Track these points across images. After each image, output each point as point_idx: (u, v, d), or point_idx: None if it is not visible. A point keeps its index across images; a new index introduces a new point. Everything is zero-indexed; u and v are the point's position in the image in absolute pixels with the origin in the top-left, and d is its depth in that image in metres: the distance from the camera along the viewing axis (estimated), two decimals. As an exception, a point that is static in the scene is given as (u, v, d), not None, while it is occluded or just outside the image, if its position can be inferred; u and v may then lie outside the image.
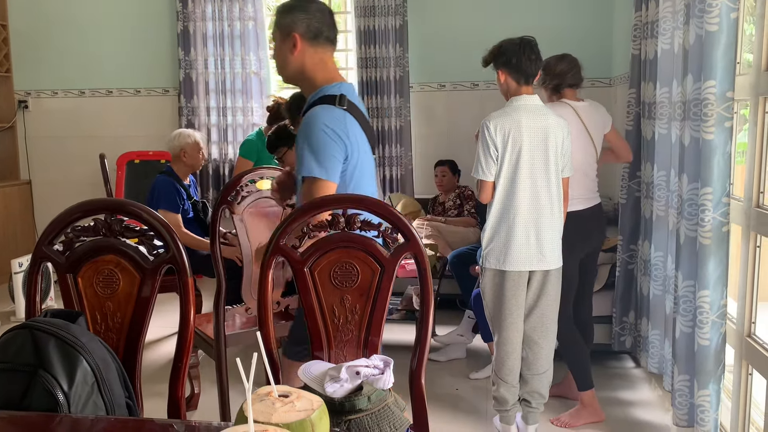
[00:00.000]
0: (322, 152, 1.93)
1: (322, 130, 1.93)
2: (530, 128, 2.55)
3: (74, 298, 1.70)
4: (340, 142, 1.95)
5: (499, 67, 2.66)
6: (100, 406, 1.42)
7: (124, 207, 1.73)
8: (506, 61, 2.63)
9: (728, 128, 2.26)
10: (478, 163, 2.61)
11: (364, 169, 2.06)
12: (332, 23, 2.08)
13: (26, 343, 1.39)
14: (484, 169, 2.59)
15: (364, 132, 2.06)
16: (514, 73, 2.63)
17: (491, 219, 2.64)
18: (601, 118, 2.98)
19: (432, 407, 3.04)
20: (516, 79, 2.63)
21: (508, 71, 2.63)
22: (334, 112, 1.97)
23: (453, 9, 4.97)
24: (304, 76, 2.08)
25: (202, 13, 5.16)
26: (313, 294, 1.77)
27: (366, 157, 2.08)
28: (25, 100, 5.65)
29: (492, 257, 2.65)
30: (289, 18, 2.04)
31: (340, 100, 1.98)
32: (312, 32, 2.03)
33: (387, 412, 1.51)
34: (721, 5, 2.19)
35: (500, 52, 2.65)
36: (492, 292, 2.68)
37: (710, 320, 2.35)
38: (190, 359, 1.78)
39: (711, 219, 2.30)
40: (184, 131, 4.00)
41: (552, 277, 2.67)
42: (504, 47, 2.65)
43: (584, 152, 2.90)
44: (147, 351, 3.82)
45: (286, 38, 2.03)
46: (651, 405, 3.16)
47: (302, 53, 2.03)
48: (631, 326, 3.38)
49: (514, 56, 2.61)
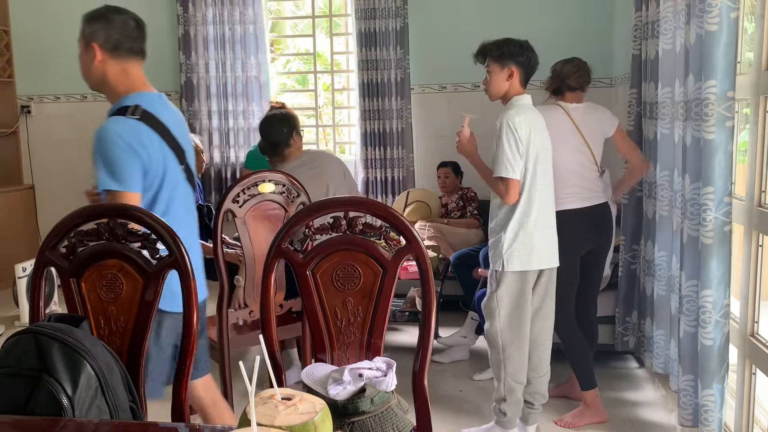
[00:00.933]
0: (115, 164, 1.91)
1: (114, 141, 1.92)
2: (540, 126, 2.63)
3: (78, 302, 1.71)
4: (134, 153, 1.93)
5: (511, 63, 2.62)
6: (104, 410, 1.42)
7: (127, 211, 1.74)
8: (524, 61, 2.62)
9: (729, 128, 2.26)
10: (506, 161, 2.54)
11: (174, 183, 2.04)
12: (138, 35, 2.12)
13: (30, 347, 1.40)
14: (513, 166, 2.54)
15: (166, 142, 2.03)
16: (526, 73, 2.65)
17: (513, 219, 2.59)
18: (599, 120, 3.00)
19: (435, 409, 3.04)
20: (524, 79, 2.66)
21: (521, 70, 2.63)
22: (126, 122, 1.96)
23: (454, 11, 4.97)
24: (106, 86, 2.12)
25: (203, 17, 5.17)
26: (316, 296, 1.77)
27: (172, 167, 2.04)
28: (28, 105, 5.66)
29: (515, 259, 2.59)
30: (90, 28, 2.09)
31: (133, 110, 1.99)
32: (111, 43, 2.07)
33: (390, 414, 1.52)
34: (721, 5, 2.19)
35: (521, 50, 2.62)
36: (513, 294, 2.63)
37: (713, 320, 2.34)
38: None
39: (713, 218, 2.30)
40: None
41: (554, 275, 2.70)
42: (524, 45, 2.63)
43: (573, 150, 2.91)
44: (151, 354, 3.82)
45: (87, 48, 2.08)
46: (655, 405, 3.16)
47: (103, 63, 2.07)
48: (635, 326, 3.37)
49: (532, 57, 2.64)
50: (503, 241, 2.60)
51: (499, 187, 2.58)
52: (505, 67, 2.63)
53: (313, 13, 5.47)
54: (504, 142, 2.55)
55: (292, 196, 2.83)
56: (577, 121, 2.93)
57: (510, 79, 2.64)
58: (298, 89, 6.49)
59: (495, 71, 2.65)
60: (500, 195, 2.59)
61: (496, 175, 2.57)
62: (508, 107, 2.63)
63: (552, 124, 2.86)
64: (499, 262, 2.62)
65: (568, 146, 2.88)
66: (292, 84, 6.37)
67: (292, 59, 7.62)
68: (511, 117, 2.56)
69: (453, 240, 4.25)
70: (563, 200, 2.87)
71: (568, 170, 2.89)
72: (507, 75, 2.63)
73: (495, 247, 2.64)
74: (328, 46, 5.44)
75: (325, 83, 5.64)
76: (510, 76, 2.63)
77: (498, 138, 2.57)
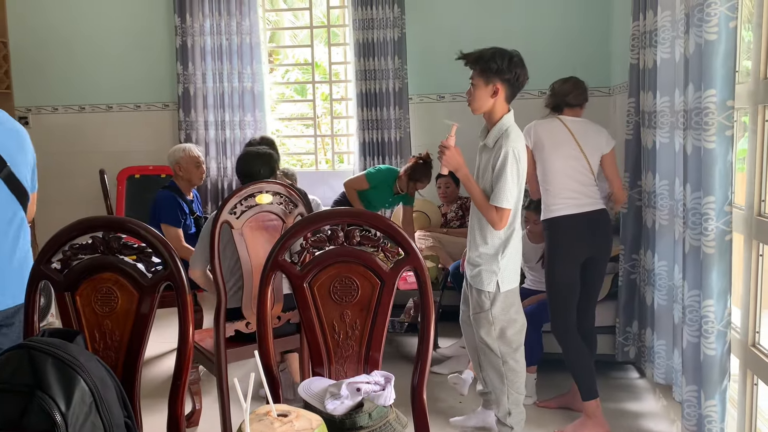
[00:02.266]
0: None
1: None
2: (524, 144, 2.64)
3: (72, 316, 1.69)
4: None
5: (497, 80, 2.50)
6: (99, 426, 1.40)
7: (122, 224, 1.72)
8: (511, 78, 2.50)
9: (729, 137, 2.25)
10: (507, 192, 2.48)
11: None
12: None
13: (23, 363, 1.38)
14: (512, 197, 2.50)
15: None
16: (512, 90, 2.54)
17: (504, 242, 2.59)
18: (597, 133, 3.03)
19: (435, 422, 3.03)
20: (510, 96, 2.56)
21: (507, 87, 2.53)
22: None
23: (451, 20, 4.98)
24: None
25: (200, 28, 5.17)
26: (313, 309, 1.76)
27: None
28: (26, 117, 5.66)
29: (507, 278, 2.62)
30: None
31: None
32: None
33: (388, 429, 1.50)
34: (720, 14, 2.18)
35: (509, 66, 2.48)
36: (508, 311, 2.65)
37: (716, 330, 2.33)
38: (189, 376, 1.77)
39: (714, 228, 2.29)
40: (180, 145, 4.01)
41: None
42: (513, 60, 2.49)
43: (568, 157, 2.93)
44: (148, 367, 3.80)
45: None
46: (656, 416, 3.13)
47: None
48: (635, 336, 3.35)
49: (521, 73, 2.52)
50: (499, 263, 2.59)
51: (493, 215, 2.52)
52: (489, 84, 2.52)
53: (311, 23, 5.48)
54: (508, 173, 2.48)
55: (289, 207, 2.81)
56: (573, 130, 2.96)
57: (494, 97, 2.53)
58: (297, 99, 6.49)
59: (479, 85, 2.54)
60: (491, 221, 2.54)
61: (494, 203, 2.51)
62: (506, 131, 2.53)
63: (549, 132, 2.87)
64: (493, 283, 2.60)
65: (563, 152, 2.92)
66: (291, 94, 6.38)
67: (291, 69, 7.64)
68: (515, 145, 2.49)
69: (452, 250, 4.23)
70: (559, 206, 2.90)
71: (564, 175, 2.91)
72: (491, 92, 2.52)
73: (489, 266, 2.61)
74: (327, 56, 5.45)
75: (324, 93, 5.65)
76: (495, 94, 2.52)
77: (501, 167, 2.48)
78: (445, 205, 4.66)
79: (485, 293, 2.63)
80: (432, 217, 4.58)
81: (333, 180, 5.32)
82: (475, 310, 2.69)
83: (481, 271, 2.62)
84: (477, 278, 2.64)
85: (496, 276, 2.60)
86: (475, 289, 2.66)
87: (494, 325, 2.64)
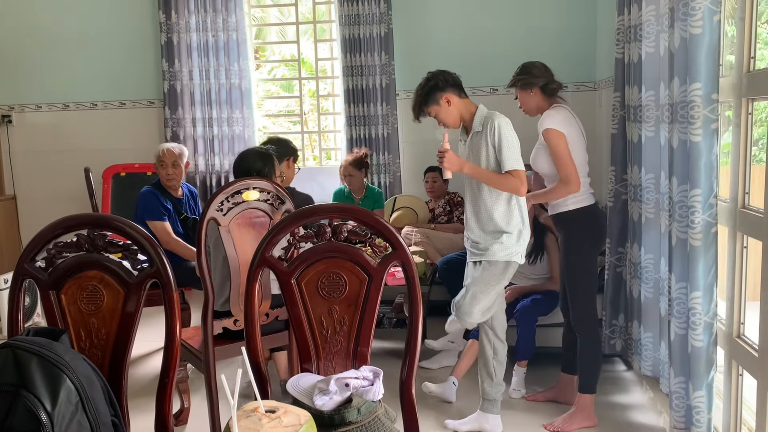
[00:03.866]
0: None
1: None
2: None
3: (58, 315, 1.67)
4: None
5: (439, 95, 2.77)
6: (85, 425, 1.39)
7: (107, 222, 1.71)
8: (444, 84, 2.79)
9: (714, 130, 2.27)
10: (514, 153, 2.68)
11: None
12: None
13: (8, 362, 1.37)
14: (517, 158, 2.68)
15: None
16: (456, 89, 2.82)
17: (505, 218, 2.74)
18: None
19: (423, 416, 3.03)
20: (460, 92, 2.83)
21: (450, 92, 2.79)
22: None
23: (437, 16, 4.98)
24: None
25: (185, 25, 5.14)
26: (301, 305, 1.75)
27: None
28: (9, 115, 5.60)
29: (516, 250, 2.77)
30: None
31: None
32: None
33: (377, 423, 1.50)
34: (704, 8, 2.20)
35: (438, 79, 2.78)
36: (498, 283, 2.79)
37: (703, 321, 2.35)
38: (177, 374, 1.76)
39: (700, 220, 2.30)
40: (160, 144, 3.98)
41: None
42: (435, 75, 2.80)
43: (583, 149, 2.94)
44: (136, 366, 3.77)
45: None
46: (644, 408, 3.16)
47: None
48: (622, 329, 3.37)
49: (445, 75, 2.81)
50: (511, 235, 2.75)
51: (512, 182, 2.66)
52: (440, 103, 2.78)
53: (297, 19, 5.45)
54: (507, 137, 2.66)
55: (276, 203, 2.80)
56: (578, 121, 2.98)
57: (451, 106, 2.78)
58: (283, 95, 6.47)
59: (437, 111, 2.80)
60: (515, 188, 2.68)
61: (508, 168, 2.66)
62: (489, 114, 2.74)
63: (568, 124, 2.85)
64: (502, 253, 2.75)
65: (581, 145, 2.93)
66: (277, 90, 6.35)
67: (277, 66, 7.60)
68: (501, 119, 2.70)
69: (440, 245, 4.24)
70: (585, 196, 2.91)
71: (583, 167, 2.92)
72: (446, 104, 2.78)
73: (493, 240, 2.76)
74: (313, 52, 5.43)
75: (311, 90, 5.63)
76: (449, 103, 2.77)
77: (499, 137, 2.66)
78: (432, 200, 4.66)
79: (485, 263, 2.78)
80: (419, 213, 4.58)
81: (321, 176, 5.31)
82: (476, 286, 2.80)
83: (487, 246, 2.77)
84: (484, 253, 2.78)
85: (504, 246, 2.74)
86: (484, 263, 2.79)
87: (486, 293, 2.79)
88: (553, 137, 2.81)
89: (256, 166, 3.02)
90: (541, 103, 2.95)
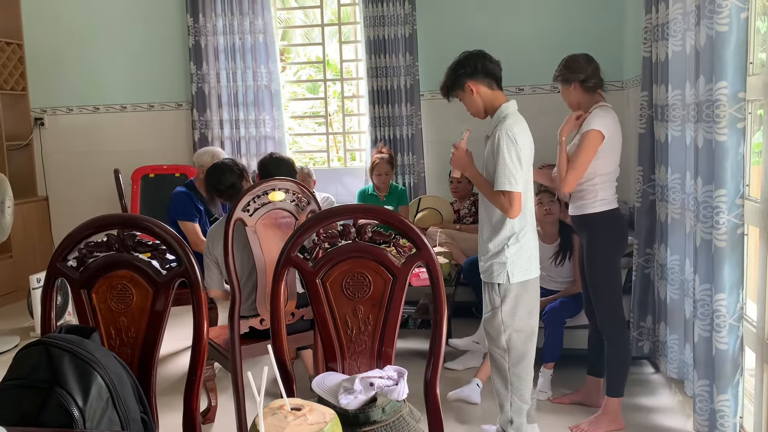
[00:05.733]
0: None
1: None
2: (529, 134, 2.56)
3: (89, 313, 1.71)
4: None
5: (465, 82, 2.56)
6: (115, 421, 1.42)
7: (137, 222, 1.74)
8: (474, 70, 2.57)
9: (740, 129, 2.23)
10: (508, 174, 2.43)
11: None
12: None
13: (41, 359, 1.41)
14: (516, 179, 2.44)
15: None
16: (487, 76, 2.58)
17: (513, 231, 2.51)
18: None
19: (448, 417, 3.03)
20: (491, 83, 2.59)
21: (480, 79, 2.57)
22: None
23: (462, 16, 4.98)
24: None
25: (213, 28, 5.21)
26: (326, 305, 1.77)
27: None
28: (41, 118, 5.72)
29: (518, 270, 2.52)
30: None
31: None
32: None
33: (402, 423, 1.50)
34: (731, 5, 2.17)
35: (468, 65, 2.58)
36: (520, 306, 2.55)
37: (727, 324, 2.31)
38: (204, 372, 1.79)
39: (726, 221, 2.27)
40: (212, 150, 4.06)
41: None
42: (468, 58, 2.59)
43: (619, 156, 2.88)
44: (164, 364, 3.83)
45: None
46: (671, 411, 3.12)
47: None
48: (649, 331, 3.34)
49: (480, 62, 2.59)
50: (507, 253, 2.52)
51: (501, 201, 2.46)
52: (465, 89, 2.58)
53: (322, 21, 5.49)
54: (505, 154, 2.44)
55: (302, 204, 2.83)
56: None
57: (475, 94, 2.56)
58: (309, 97, 6.51)
59: (462, 96, 2.61)
60: (503, 209, 2.47)
61: (498, 188, 2.46)
62: (502, 118, 2.52)
63: (614, 129, 2.80)
64: (503, 274, 2.53)
65: (619, 150, 2.87)
66: (303, 92, 6.40)
67: (303, 67, 7.65)
68: (510, 127, 2.47)
69: (465, 246, 4.23)
70: (608, 200, 2.85)
71: (615, 173, 2.87)
72: (470, 93, 2.57)
73: (498, 258, 2.54)
74: (338, 54, 5.46)
75: (335, 91, 5.65)
76: (473, 92, 2.56)
77: (497, 150, 2.46)
78: (458, 201, 4.66)
79: (495, 288, 2.55)
80: (444, 214, 4.58)
81: (345, 177, 5.34)
82: (485, 309, 2.63)
83: (492, 264, 2.56)
84: (488, 272, 2.58)
85: (505, 267, 2.52)
86: (487, 285, 2.60)
87: (504, 332, 2.56)
88: (591, 138, 2.72)
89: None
90: (581, 99, 2.88)
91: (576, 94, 2.88)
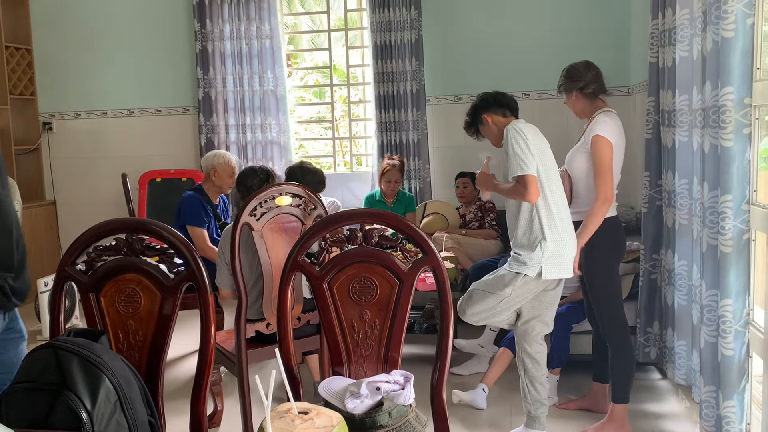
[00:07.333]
0: None
1: None
2: (541, 137, 2.75)
3: (97, 316, 1.73)
4: None
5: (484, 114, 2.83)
6: (123, 424, 1.43)
7: (145, 226, 1.75)
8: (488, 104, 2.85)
9: (747, 135, 2.23)
10: (518, 160, 2.60)
11: None
12: None
13: (50, 362, 1.42)
14: (527, 163, 2.59)
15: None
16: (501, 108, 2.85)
17: (541, 229, 2.64)
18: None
19: (454, 421, 3.03)
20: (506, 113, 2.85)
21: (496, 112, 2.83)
22: None
23: (467, 21, 4.98)
24: None
25: (219, 33, 5.23)
26: (332, 309, 1.77)
27: None
28: (50, 122, 5.76)
29: (553, 267, 2.66)
30: None
31: None
32: None
33: (408, 427, 1.51)
34: (737, 11, 2.17)
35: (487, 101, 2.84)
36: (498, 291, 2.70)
37: (733, 329, 2.31)
38: (211, 376, 1.79)
39: (732, 227, 2.27)
40: (221, 152, 4.09)
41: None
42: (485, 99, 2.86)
43: (621, 161, 2.89)
44: (170, 368, 3.84)
45: None
46: (678, 417, 3.11)
47: None
48: (656, 337, 3.33)
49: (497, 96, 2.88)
50: (545, 248, 2.64)
51: (519, 189, 2.62)
52: (483, 122, 2.84)
53: (329, 26, 5.51)
54: (512, 144, 2.62)
55: (309, 208, 2.84)
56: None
57: (491, 124, 2.82)
58: (315, 102, 6.53)
59: (482, 130, 2.87)
60: (522, 195, 2.62)
61: (512, 175, 2.63)
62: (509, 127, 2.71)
63: (618, 134, 2.82)
64: (536, 268, 2.65)
65: (621, 156, 2.89)
66: (309, 97, 6.42)
67: (309, 72, 7.68)
68: (514, 124, 2.69)
69: (471, 251, 4.23)
70: (614, 205, 2.87)
71: (616, 178, 2.87)
72: (487, 123, 2.83)
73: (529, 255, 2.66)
74: (345, 59, 5.48)
75: (342, 96, 5.67)
76: (489, 122, 2.82)
77: (505, 143, 2.66)
78: (463, 206, 4.66)
79: (514, 275, 2.68)
80: (450, 219, 4.58)
81: (352, 182, 5.35)
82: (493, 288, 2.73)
83: (525, 260, 2.68)
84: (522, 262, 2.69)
85: (540, 264, 2.65)
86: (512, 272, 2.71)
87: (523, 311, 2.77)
88: (602, 146, 2.74)
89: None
90: (584, 106, 2.91)
91: (578, 102, 2.92)
